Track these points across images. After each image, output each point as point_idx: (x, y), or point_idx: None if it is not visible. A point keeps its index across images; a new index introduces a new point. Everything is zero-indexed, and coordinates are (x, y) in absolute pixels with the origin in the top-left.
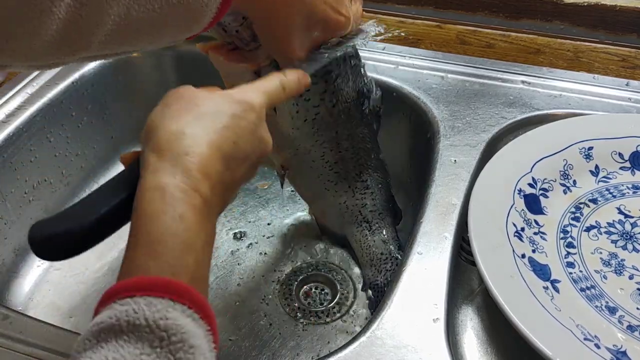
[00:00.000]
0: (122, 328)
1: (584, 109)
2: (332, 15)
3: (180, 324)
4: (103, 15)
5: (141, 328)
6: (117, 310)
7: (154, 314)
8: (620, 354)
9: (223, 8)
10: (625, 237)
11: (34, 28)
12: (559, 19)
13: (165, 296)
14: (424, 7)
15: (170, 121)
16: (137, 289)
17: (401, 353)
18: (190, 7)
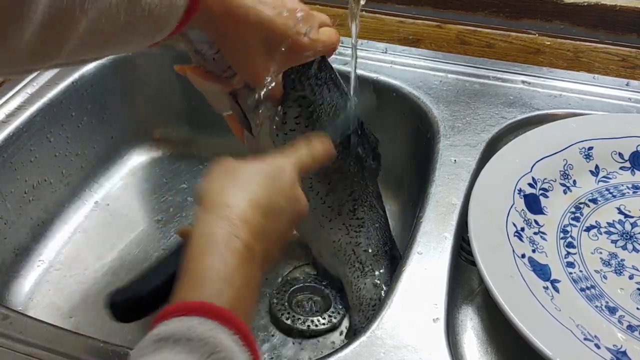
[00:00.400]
0: (177, 339)
1: (584, 109)
2: (294, 36)
3: (226, 344)
4: (75, 24)
5: (194, 342)
6: (174, 324)
7: (206, 331)
8: (620, 354)
9: (184, 21)
10: (625, 237)
11: (10, 33)
12: (559, 19)
13: (213, 319)
14: (424, 7)
15: (214, 185)
16: (188, 310)
17: (401, 353)
18: (154, 19)
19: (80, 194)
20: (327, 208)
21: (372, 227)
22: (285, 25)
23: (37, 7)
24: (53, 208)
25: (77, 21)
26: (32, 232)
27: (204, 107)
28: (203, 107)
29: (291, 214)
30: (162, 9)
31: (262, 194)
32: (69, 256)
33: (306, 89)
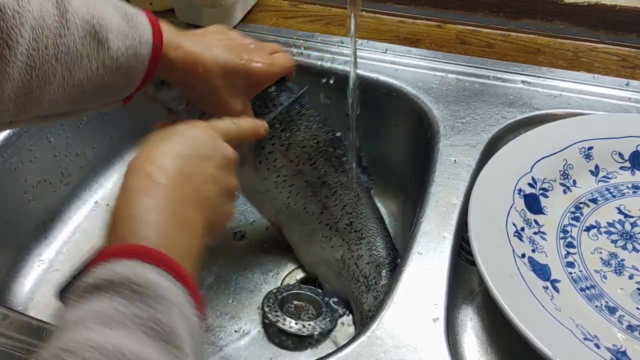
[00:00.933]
0: (98, 286)
1: (584, 109)
2: (250, 64)
3: (152, 279)
4: (49, 76)
5: (115, 284)
6: (94, 273)
7: (128, 271)
8: (620, 354)
9: (150, 71)
10: (625, 237)
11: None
12: (559, 19)
13: (136, 258)
14: (424, 7)
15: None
16: (104, 256)
17: (401, 353)
18: (124, 69)
19: (80, 194)
20: (324, 227)
21: (372, 237)
22: (241, 59)
23: (16, 60)
24: (53, 208)
25: (54, 71)
26: (32, 232)
27: None
28: None
29: (217, 159)
30: (129, 57)
31: (180, 145)
32: (69, 256)
33: (271, 110)
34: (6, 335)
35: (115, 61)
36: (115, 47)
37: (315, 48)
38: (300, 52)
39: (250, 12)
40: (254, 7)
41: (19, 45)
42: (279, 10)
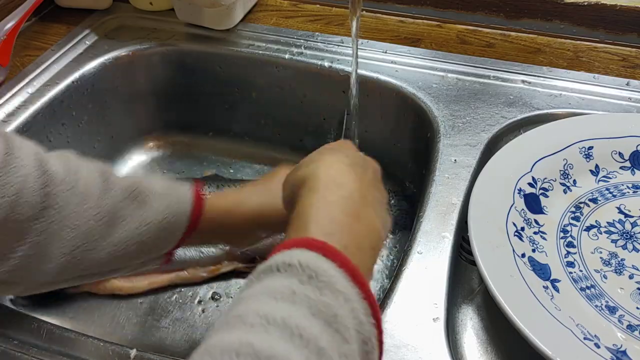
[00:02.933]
0: (278, 268)
1: (584, 109)
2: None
3: (329, 271)
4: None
5: (293, 267)
6: (276, 257)
7: (306, 259)
8: (620, 354)
9: (189, 230)
10: (625, 236)
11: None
12: (559, 19)
13: (317, 251)
14: (424, 6)
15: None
16: (290, 245)
17: (401, 352)
18: (162, 227)
19: None
20: None
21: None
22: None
23: (63, 221)
24: None
25: (95, 231)
26: None
27: (204, 108)
28: (203, 108)
29: (372, 170)
30: (168, 216)
31: (347, 158)
32: None
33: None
34: (6, 335)
35: (155, 220)
36: (154, 207)
37: (315, 48)
38: (301, 51)
39: (250, 11)
40: (254, 6)
41: (66, 208)
42: (279, 10)
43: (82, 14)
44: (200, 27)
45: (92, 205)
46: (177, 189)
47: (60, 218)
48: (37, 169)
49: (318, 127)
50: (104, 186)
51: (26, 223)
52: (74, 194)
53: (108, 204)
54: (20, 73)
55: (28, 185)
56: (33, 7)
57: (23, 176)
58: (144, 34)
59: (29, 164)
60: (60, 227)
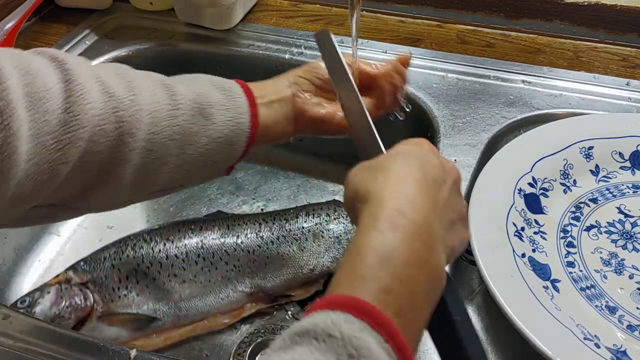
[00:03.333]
0: (317, 334)
1: (584, 109)
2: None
3: (373, 349)
4: (166, 156)
5: (334, 340)
6: (317, 318)
7: (350, 330)
8: (620, 354)
9: (251, 139)
10: (625, 236)
11: (116, 176)
12: (560, 19)
13: (364, 319)
14: (424, 6)
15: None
16: (334, 304)
17: None
18: (228, 140)
19: None
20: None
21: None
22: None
23: (137, 145)
24: None
25: (169, 151)
26: (32, 232)
27: None
28: None
29: (449, 182)
30: (232, 128)
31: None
32: (69, 256)
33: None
34: (7, 334)
35: (221, 133)
36: (219, 121)
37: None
38: (301, 51)
39: (250, 11)
40: (254, 6)
41: (138, 131)
42: (280, 10)
43: (82, 14)
44: (201, 27)
45: (164, 125)
46: (235, 100)
47: (135, 144)
48: (102, 93)
49: None
50: (172, 103)
51: (105, 151)
52: (143, 115)
53: (180, 122)
54: None
55: (99, 113)
56: (33, 7)
57: (92, 102)
58: (144, 34)
59: (92, 89)
60: (134, 153)
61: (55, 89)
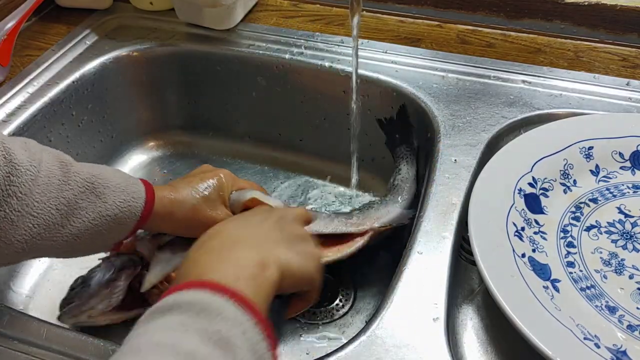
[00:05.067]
0: (169, 307)
1: (585, 109)
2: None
3: (215, 303)
4: (49, 224)
5: (183, 304)
6: (166, 298)
7: (193, 297)
8: (620, 354)
9: (140, 223)
10: (626, 236)
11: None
12: (560, 19)
13: (202, 288)
14: (424, 6)
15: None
16: (179, 288)
17: (401, 352)
18: (117, 220)
19: None
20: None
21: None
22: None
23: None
24: None
25: (54, 220)
26: None
27: (204, 107)
28: (203, 107)
29: (275, 216)
30: (124, 210)
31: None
32: None
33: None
34: (6, 334)
35: (111, 213)
36: (111, 201)
37: (315, 48)
38: (301, 51)
39: (250, 11)
40: (255, 6)
41: (27, 197)
42: (280, 10)
43: (82, 14)
44: (201, 27)
45: (53, 195)
46: (132, 186)
47: (22, 206)
48: (2, 157)
49: (318, 127)
50: (64, 177)
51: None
52: (36, 184)
53: (68, 195)
54: (21, 73)
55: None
56: (33, 7)
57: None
58: (144, 34)
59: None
60: (22, 215)
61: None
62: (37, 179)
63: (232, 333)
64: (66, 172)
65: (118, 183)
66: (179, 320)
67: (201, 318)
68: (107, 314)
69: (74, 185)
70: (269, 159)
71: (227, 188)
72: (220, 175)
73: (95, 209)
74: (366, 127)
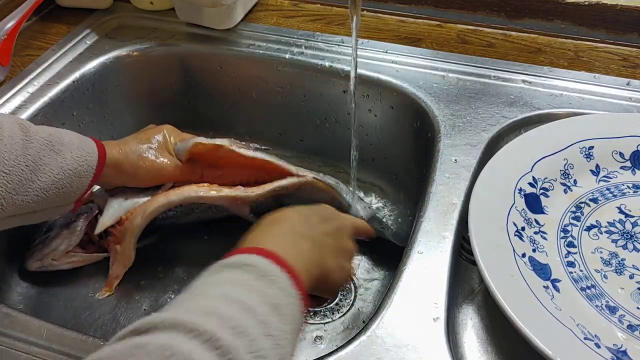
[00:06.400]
0: (235, 264)
1: (585, 109)
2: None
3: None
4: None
5: (249, 266)
6: (234, 258)
7: (258, 260)
8: (620, 354)
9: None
10: (626, 236)
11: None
12: (560, 18)
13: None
14: (424, 6)
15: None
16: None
17: (401, 352)
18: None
19: None
20: None
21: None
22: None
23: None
24: None
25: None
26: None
27: (204, 107)
28: (203, 107)
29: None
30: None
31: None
32: None
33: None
34: (7, 334)
35: (71, 167)
36: (68, 156)
37: (316, 47)
38: (301, 51)
39: (251, 11)
40: (255, 6)
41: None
42: (280, 10)
43: (82, 14)
44: (201, 27)
45: (20, 153)
46: (85, 143)
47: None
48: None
49: (318, 127)
50: (26, 137)
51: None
52: (3, 144)
53: (32, 152)
54: (21, 73)
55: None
56: (34, 6)
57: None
58: (145, 34)
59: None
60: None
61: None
62: (3, 139)
63: (284, 301)
64: (26, 133)
65: (72, 140)
66: (244, 278)
67: (261, 281)
68: (69, 256)
69: (36, 144)
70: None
71: (171, 139)
72: (164, 130)
73: (57, 164)
74: (366, 127)
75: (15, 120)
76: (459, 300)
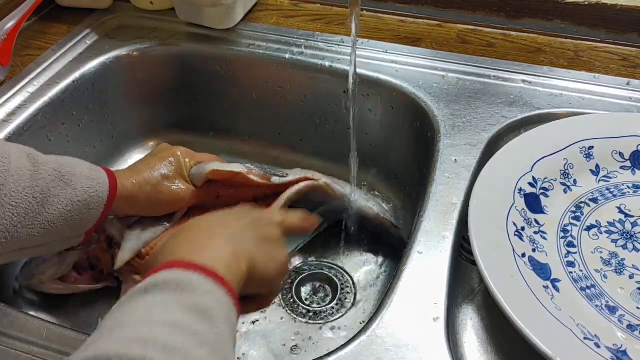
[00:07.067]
0: (147, 288)
1: (585, 108)
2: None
3: (190, 279)
4: (28, 212)
5: (159, 283)
6: (143, 282)
7: (168, 275)
8: (620, 353)
9: (107, 207)
10: (626, 236)
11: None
12: (560, 18)
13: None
14: (424, 6)
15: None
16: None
17: (401, 352)
18: (86, 205)
19: None
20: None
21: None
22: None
23: (3, 201)
24: None
25: (32, 209)
26: None
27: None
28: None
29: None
30: (91, 194)
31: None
32: None
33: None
34: (7, 333)
35: (80, 198)
36: (79, 187)
37: (316, 47)
38: (301, 51)
39: (251, 11)
40: (255, 6)
41: (4, 187)
42: (280, 10)
43: (82, 14)
44: (201, 27)
45: (27, 185)
46: (96, 172)
47: (0, 197)
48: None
49: (318, 127)
50: (34, 167)
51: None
52: (10, 175)
53: (41, 184)
54: (21, 72)
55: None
56: (34, 6)
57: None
58: (145, 34)
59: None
60: (2, 205)
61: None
62: (10, 170)
63: (210, 304)
64: (35, 163)
65: (82, 171)
66: (159, 298)
67: (178, 293)
68: (55, 282)
69: (45, 175)
70: (269, 159)
71: (185, 163)
72: (178, 153)
73: (66, 196)
74: (366, 127)
75: (22, 149)
76: (459, 300)
